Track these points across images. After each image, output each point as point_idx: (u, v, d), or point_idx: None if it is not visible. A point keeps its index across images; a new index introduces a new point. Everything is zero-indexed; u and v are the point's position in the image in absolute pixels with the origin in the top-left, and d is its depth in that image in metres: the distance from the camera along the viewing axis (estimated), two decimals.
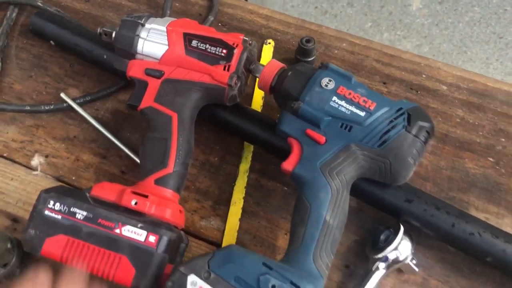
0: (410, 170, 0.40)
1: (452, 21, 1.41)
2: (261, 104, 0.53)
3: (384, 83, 0.55)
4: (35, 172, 0.49)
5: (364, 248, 0.45)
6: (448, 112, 0.53)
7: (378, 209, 0.45)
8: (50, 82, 0.55)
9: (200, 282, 0.35)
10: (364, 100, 0.40)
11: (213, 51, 0.44)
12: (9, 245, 0.40)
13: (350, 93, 0.41)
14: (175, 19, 0.47)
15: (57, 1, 0.60)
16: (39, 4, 0.57)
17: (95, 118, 0.52)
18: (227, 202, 0.48)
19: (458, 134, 0.51)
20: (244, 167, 0.49)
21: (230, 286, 0.35)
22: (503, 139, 0.51)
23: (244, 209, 0.47)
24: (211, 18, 0.58)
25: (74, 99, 0.52)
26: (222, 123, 0.49)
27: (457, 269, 0.44)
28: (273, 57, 0.56)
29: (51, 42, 0.54)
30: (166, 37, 0.45)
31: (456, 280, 0.44)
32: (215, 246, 0.46)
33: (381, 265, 0.42)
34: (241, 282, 0.35)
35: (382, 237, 0.43)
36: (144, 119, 0.45)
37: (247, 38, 0.45)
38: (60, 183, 0.48)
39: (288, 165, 0.41)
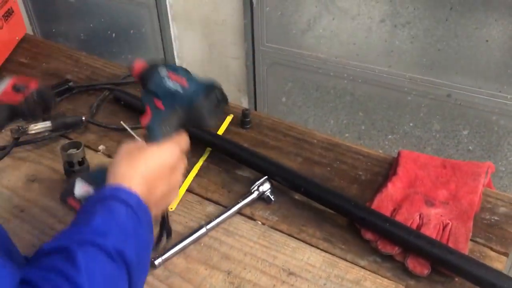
0: (206, 119, 0.68)
1: None
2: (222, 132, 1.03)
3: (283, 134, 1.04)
4: (98, 152, 0.99)
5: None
6: (310, 150, 1.00)
7: (257, 172, 0.90)
8: (117, 121, 1.08)
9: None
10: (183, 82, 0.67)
11: None
12: None
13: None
14: None
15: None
16: (118, 90, 1.15)
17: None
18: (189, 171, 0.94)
19: (308, 151, 0.98)
20: (203, 158, 0.97)
21: None
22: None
23: (196, 174, 0.93)
24: None
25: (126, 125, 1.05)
26: (195, 139, 0.99)
27: (296, 205, 0.86)
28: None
29: (121, 102, 1.10)
30: None
31: (295, 213, 0.86)
32: None
33: (254, 191, 0.85)
34: None
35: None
36: None
37: None
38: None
39: (144, 120, 0.68)
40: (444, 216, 0.79)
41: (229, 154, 0.94)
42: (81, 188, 0.64)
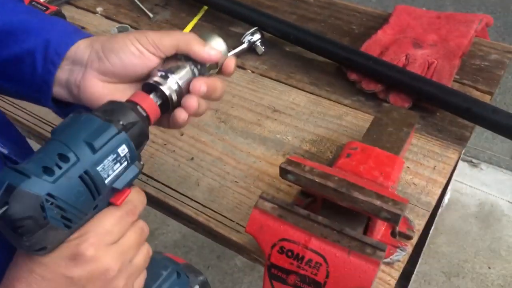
0: None
1: None
2: None
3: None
4: (97, 14, 1.01)
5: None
6: (306, 8, 0.99)
7: (250, 25, 0.90)
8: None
9: None
10: None
11: None
12: None
13: None
14: None
15: None
16: None
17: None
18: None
19: (304, 9, 0.97)
20: (197, 17, 0.98)
21: None
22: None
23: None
24: None
25: None
26: None
27: (285, 55, 0.88)
28: None
29: None
30: None
31: (284, 62, 0.87)
32: None
33: (245, 42, 0.87)
34: None
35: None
36: None
37: None
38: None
39: None
40: (431, 56, 0.79)
41: (221, 9, 0.94)
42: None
